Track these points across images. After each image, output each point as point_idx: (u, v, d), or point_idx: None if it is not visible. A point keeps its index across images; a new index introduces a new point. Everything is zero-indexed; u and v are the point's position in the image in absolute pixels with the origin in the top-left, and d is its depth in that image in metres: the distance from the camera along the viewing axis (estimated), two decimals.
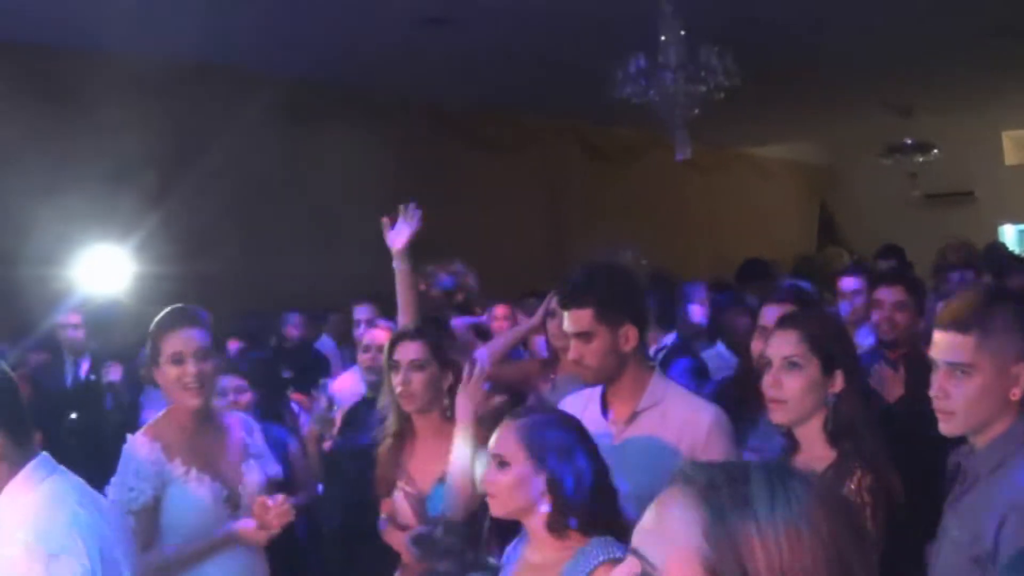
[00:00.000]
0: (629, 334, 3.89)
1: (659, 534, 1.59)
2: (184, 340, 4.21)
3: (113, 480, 4.11)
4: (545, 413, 3.45)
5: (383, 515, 4.54)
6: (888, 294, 5.60)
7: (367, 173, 11.19)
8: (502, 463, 3.19)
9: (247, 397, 6.23)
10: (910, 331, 5.46)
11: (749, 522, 1.51)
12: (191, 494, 4.16)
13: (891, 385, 5.15)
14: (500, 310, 8.70)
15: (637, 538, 1.61)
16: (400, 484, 4.42)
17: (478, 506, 4.08)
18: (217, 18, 9.36)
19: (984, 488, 2.90)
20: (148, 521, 4.11)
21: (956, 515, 2.98)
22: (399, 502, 4.41)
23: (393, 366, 4.48)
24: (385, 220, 5.26)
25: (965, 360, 2.90)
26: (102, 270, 6.09)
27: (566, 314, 3.96)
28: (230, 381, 6.18)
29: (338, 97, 12.10)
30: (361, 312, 7.61)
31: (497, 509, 3.25)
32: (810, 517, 1.51)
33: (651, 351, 6.03)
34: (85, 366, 7.72)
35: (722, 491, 1.54)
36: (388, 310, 6.89)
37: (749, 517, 1.51)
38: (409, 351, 4.46)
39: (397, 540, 4.40)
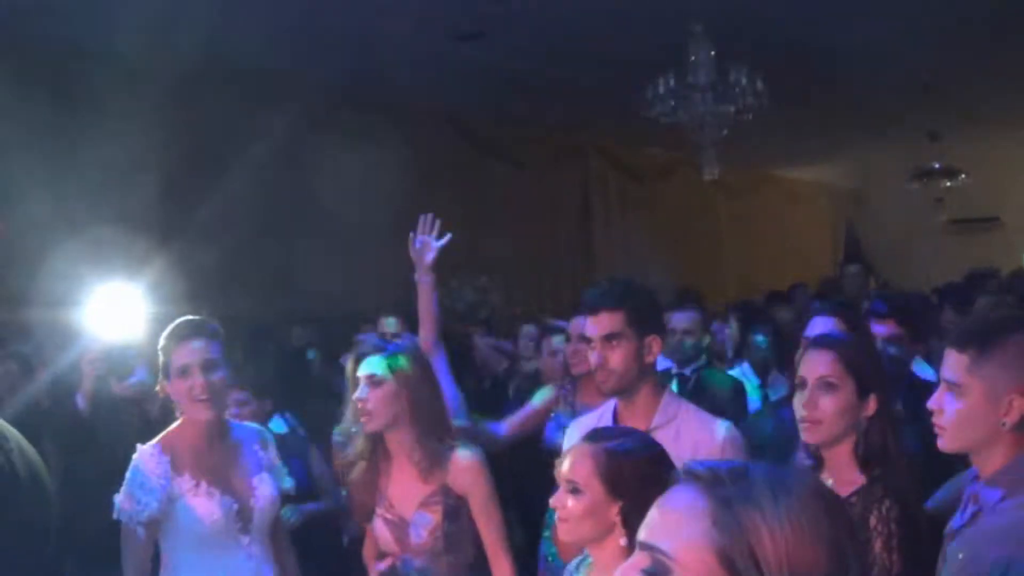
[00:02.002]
0: (653, 345, 3.90)
1: (667, 526, 1.65)
2: (191, 352, 4.14)
3: (122, 489, 4.08)
4: (624, 438, 3.24)
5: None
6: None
7: (395, 189, 11.22)
8: (575, 490, 3.07)
9: (251, 408, 6.18)
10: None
11: (755, 511, 1.59)
12: (200, 508, 4.10)
13: None
14: (527, 329, 8.72)
15: (644, 533, 1.67)
16: (379, 511, 4.26)
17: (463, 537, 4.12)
18: (236, 30, 9.43)
19: (989, 520, 2.86)
20: (153, 533, 4.11)
21: (961, 543, 2.91)
22: (379, 530, 4.28)
23: (355, 384, 4.31)
24: (412, 235, 5.25)
25: (956, 379, 2.88)
26: (113, 310, 6.03)
27: (594, 317, 3.91)
28: (232, 394, 6.18)
29: (368, 112, 12.12)
30: (387, 325, 7.60)
31: (566, 535, 3.14)
32: (808, 510, 1.60)
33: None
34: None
35: (727, 485, 1.63)
36: (416, 324, 6.96)
37: (754, 507, 1.59)
38: (371, 365, 4.26)
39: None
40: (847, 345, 3.60)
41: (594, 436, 3.20)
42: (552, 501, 3.16)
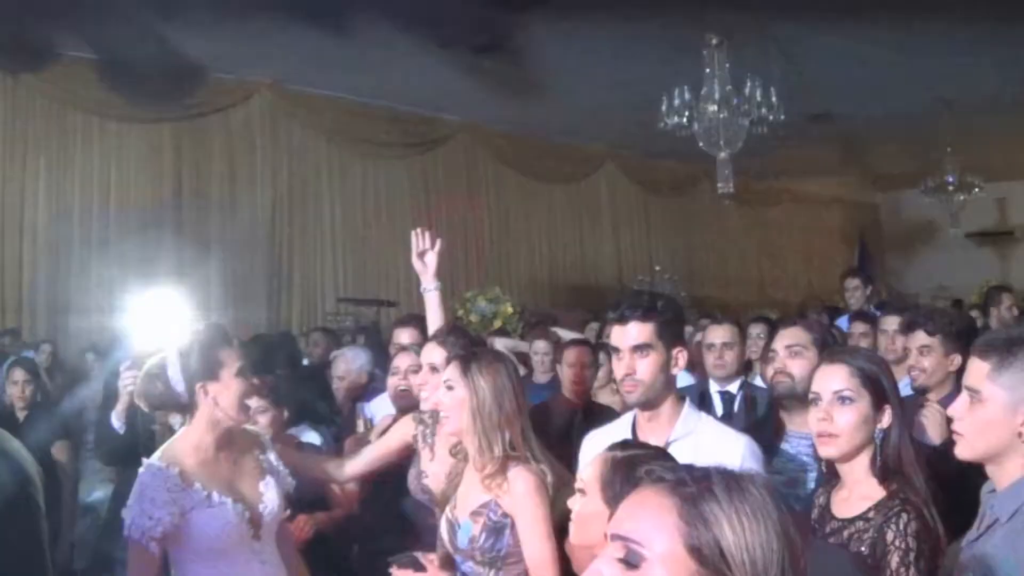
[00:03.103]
0: (679, 357, 3.91)
1: (637, 519, 1.88)
2: (240, 355, 4.16)
3: (129, 505, 3.97)
4: (640, 450, 3.30)
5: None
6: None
7: (416, 200, 11.25)
8: (582, 492, 3.17)
9: (267, 417, 6.17)
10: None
11: (715, 506, 1.82)
12: (213, 519, 4.01)
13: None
14: (541, 344, 8.71)
15: (615, 526, 1.89)
16: (447, 509, 4.35)
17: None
18: (261, 47, 9.48)
19: (1003, 535, 2.86)
20: (163, 548, 4.00)
21: (974, 557, 2.94)
22: (441, 524, 4.31)
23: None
24: (413, 245, 5.26)
25: (976, 387, 2.90)
26: (151, 319, 6.00)
27: (623, 328, 3.90)
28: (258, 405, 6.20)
29: (388, 125, 12.16)
30: (403, 336, 7.58)
31: (575, 537, 3.20)
32: (760, 503, 1.84)
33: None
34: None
35: (689, 485, 1.86)
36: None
37: (715, 502, 1.83)
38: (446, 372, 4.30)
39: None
40: (860, 358, 3.59)
41: (614, 446, 3.25)
42: (570, 503, 3.22)
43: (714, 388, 6.40)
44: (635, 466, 3.05)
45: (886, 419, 3.44)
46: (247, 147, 11.26)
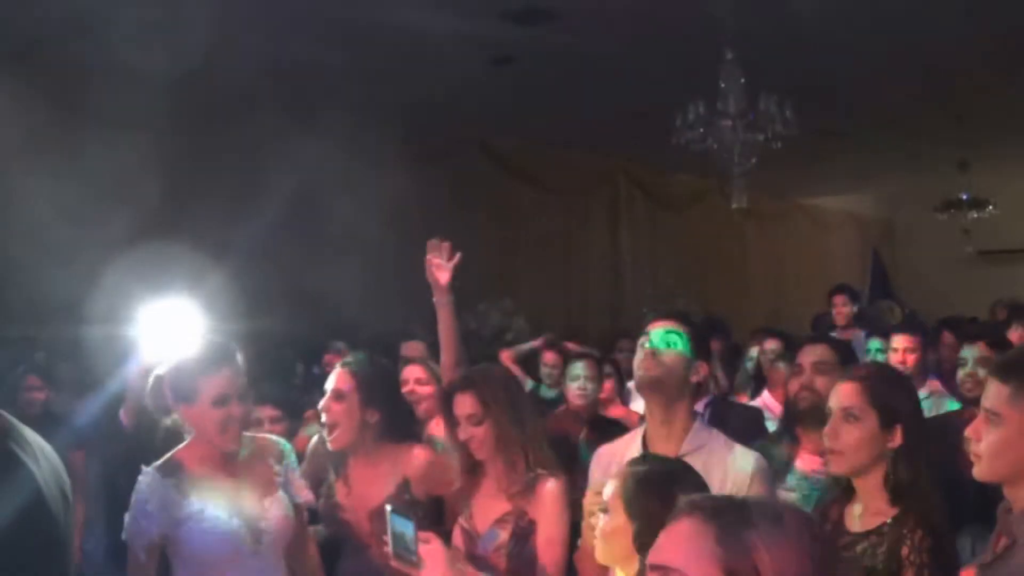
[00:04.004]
0: (701, 370, 3.97)
1: (675, 547, 1.97)
2: (229, 381, 4.03)
3: (129, 511, 3.95)
4: (661, 465, 3.35)
5: None
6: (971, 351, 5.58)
7: (425, 212, 11.25)
8: (604, 510, 3.22)
9: (283, 426, 6.19)
10: None
11: (753, 532, 1.90)
12: (208, 532, 3.94)
13: None
14: (549, 357, 8.73)
15: (654, 555, 1.99)
16: (460, 519, 4.39)
17: None
18: (273, 52, 9.51)
19: (1021, 554, 2.84)
20: (155, 556, 3.97)
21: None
22: (456, 537, 4.34)
23: (453, 423, 4.35)
24: (429, 257, 5.18)
25: (996, 408, 2.87)
26: (168, 327, 5.99)
27: (661, 321, 4.00)
28: (263, 411, 6.08)
29: (399, 136, 12.18)
30: (409, 349, 7.61)
31: (601, 556, 3.29)
32: (795, 531, 1.92)
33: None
34: None
35: (728, 512, 1.95)
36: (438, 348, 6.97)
37: (752, 529, 1.91)
38: (464, 406, 4.31)
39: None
40: (873, 376, 3.60)
41: (636, 462, 3.32)
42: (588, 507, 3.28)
43: None
44: (663, 483, 3.10)
45: (897, 439, 3.43)
46: None
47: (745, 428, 5.61)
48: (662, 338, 3.94)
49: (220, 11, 8.38)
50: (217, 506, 3.99)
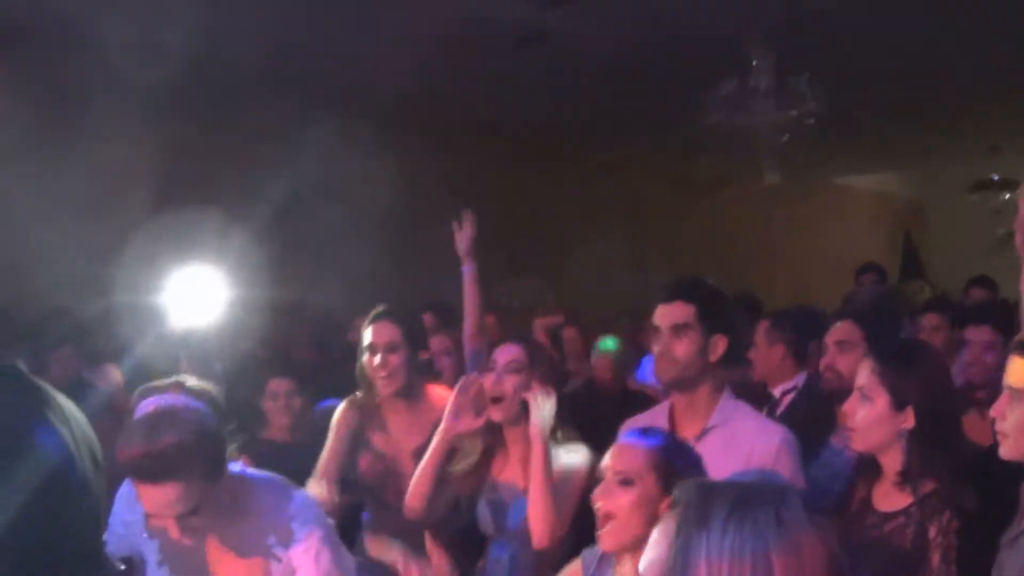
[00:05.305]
0: (719, 345, 3.94)
1: (652, 546, 1.82)
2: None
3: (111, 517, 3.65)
4: (672, 439, 3.41)
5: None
6: (976, 334, 5.51)
7: (447, 195, 11.22)
8: (626, 481, 3.20)
9: (299, 402, 6.15)
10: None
11: (702, 540, 1.69)
12: None
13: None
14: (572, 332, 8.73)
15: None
16: (484, 492, 4.39)
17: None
18: (290, 36, 9.50)
19: None
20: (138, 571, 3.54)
21: (1014, 553, 2.94)
22: (481, 510, 4.36)
23: (492, 367, 4.40)
24: (455, 225, 5.57)
25: (1019, 386, 2.89)
26: (195, 296, 6.02)
27: (665, 306, 3.98)
28: (279, 384, 6.15)
29: (420, 118, 12.15)
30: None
31: (618, 531, 3.22)
32: (761, 551, 1.65)
33: (777, 391, 6.01)
34: None
35: (690, 510, 1.74)
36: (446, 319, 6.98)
37: (703, 537, 1.69)
38: (509, 352, 4.39)
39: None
40: (889, 355, 3.58)
41: (645, 433, 3.35)
42: (596, 494, 3.21)
43: None
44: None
45: (908, 420, 3.41)
46: None
47: None
48: (671, 332, 3.91)
49: None
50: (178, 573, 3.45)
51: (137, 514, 3.44)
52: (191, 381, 4.38)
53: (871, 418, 3.44)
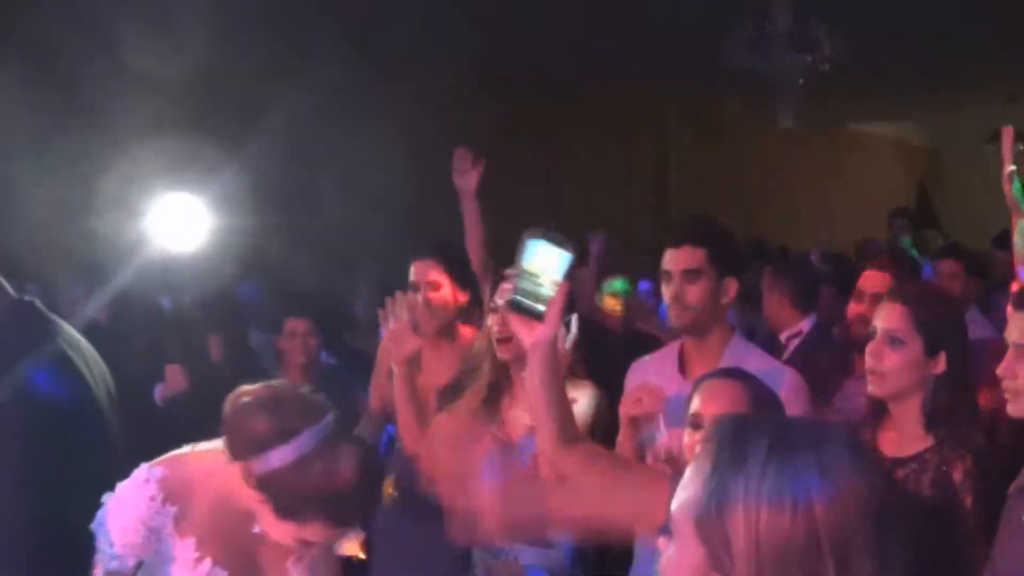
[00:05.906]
0: (731, 287, 3.93)
1: (684, 486, 1.68)
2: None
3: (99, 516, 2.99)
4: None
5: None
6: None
7: (469, 136, 11.16)
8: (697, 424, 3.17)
9: (315, 341, 6.10)
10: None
11: (739, 482, 1.58)
12: None
13: None
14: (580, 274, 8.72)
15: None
16: (492, 430, 4.36)
17: None
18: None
19: None
20: None
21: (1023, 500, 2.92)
22: (489, 447, 4.35)
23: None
24: (463, 164, 5.48)
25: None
26: (177, 220, 5.96)
27: (676, 251, 3.94)
28: (296, 323, 6.04)
29: (439, 59, 12.08)
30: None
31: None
32: (803, 494, 1.55)
33: (783, 336, 6.01)
34: None
35: (725, 449, 1.62)
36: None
37: (740, 477, 1.58)
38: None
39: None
40: (921, 300, 3.54)
41: (728, 373, 3.32)
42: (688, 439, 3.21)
43: None
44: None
45: (940, 366, 3.36)
46: None
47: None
48: (683, 278, 3.89)
49: None
50: (221, 562, 3.05)
51: (148, 527, 3.01)
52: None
53: (904, 362, 3.39)
